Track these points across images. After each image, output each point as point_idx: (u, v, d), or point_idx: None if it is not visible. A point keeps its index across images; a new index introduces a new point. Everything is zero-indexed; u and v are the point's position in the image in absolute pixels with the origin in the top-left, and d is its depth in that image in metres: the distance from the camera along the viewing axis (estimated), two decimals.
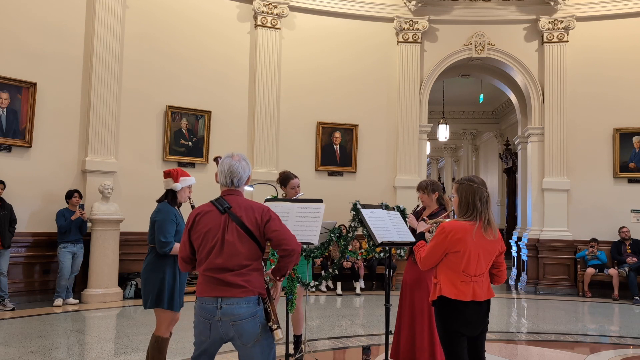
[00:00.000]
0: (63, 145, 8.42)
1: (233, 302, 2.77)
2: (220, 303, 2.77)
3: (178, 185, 4.12)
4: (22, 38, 8.10)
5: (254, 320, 2.78)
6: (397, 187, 10.55)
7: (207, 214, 2.91)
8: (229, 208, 2.86)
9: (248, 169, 3.01)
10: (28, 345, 5.53)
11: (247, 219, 2.84)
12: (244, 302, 2.77)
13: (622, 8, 10.29)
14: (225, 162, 2.98)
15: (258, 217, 2.85)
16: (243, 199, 2.95)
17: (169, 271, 3.96)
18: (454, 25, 10.86)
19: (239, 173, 2.96)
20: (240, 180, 2.97)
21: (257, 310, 2.81)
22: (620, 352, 5.96)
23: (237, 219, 2.84)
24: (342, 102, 10.65)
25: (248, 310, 2.77)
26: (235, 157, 3.00)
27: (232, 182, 2.96)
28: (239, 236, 2.82)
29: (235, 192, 2.96)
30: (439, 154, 23.86)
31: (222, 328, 2.79)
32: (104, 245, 8.13)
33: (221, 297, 2.78)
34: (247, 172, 3.00)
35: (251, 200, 2.97)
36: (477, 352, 3.22)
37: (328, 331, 6.60)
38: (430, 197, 4.61)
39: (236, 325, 2.76)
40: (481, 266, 3.14)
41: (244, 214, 2.85)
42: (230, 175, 2.95)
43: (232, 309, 2.76)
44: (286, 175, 5.06)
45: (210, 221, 2.88)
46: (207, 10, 9.82)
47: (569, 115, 10.42)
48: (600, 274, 9.84)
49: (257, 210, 2.87)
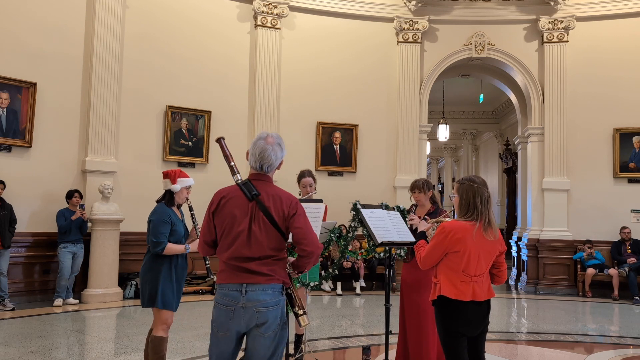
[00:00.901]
0: (63, 145, 8.42)
1: (258, 289, 2.69)
2: (245, 289, 2.69)
3: (176, 187, 4.13)
4: (22, 38, 8.10)
5: (277, 310, 2.72)
6: (397, 187, 10.54)
7: (233, 198, 2.78)
8: (257, 195, 2.75)
9: (281, 154, 2.87)
10: (28, 345, 5.53)
11: (274, 209, 2.73)
12: (269, 289, 2.71)
13: (622, 8, 10.29)
14: (259, 144, 2.83)
15: (286, 209, 2.74)
16: (272, 187, 2.82)
17: (165, 271, 3.98)
18: (454, 25, 10.85)
19: (271, 159, 2.82)
20: (270, 167, 2.84)
21: (281, 300, 2.75)
22: (620, 352, 5.96)
23: (265, 208, 2.72)
24: (342, 102, 10.64)
25: (273, 298, 2.71)
26: (269, 139, 2.84)
27: (261, 167, 2.83)
28: (266, 227, 2.72)
29: (265, 177, 2.84)
30: (439, 154, 23.85)
31: (245, 315, 2.68)
32: (104, 245, 8.13)
33: (246, 284, 2.70)
34: (279, 157, 2.85)
35: (280, 189, 2.84)
36: (477, 352, 3.22)
37: (328, 331, 6.60)
38: (426, 196, 4.63)
39: (260, 312, 2.68)
40: (481, 266, 3.14)
41: (272, 204, 2.74)
42: (260, 160, 2.81)
43: (257, 294, 2.69)
44: (301, 173, 5.23)
45: (236, 207, 2.76)
46: (207, 10, 9.82)
47: (569, 115, 10.41)
48: (600, 274, 9.84)
49: (286, 202, 2.76)
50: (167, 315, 4.01)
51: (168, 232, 3.99)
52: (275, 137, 2.89)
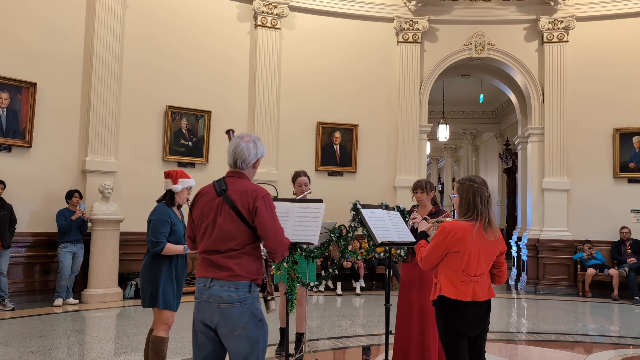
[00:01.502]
0: (63, 145, 8.42)
1: (221, 284, 2.70)
2: (210, 283, 2.72)
3: (177, 187, 4.15)
4: (22, 38, 8.10)
5: (242, 307, 2.69)
6: (397, 187, 10.55)
7: (206, 195, 2.87)
8: (225, 191, 2.80)
9: (256, 151, 2.89)
10: (28, 345, 5.53)
11: (240, 202, 2.76)
12: (232, 286, 2.69)
13: (622, 8, 10.29)
14: (233, 141, 2.91)
15: (250, 201, 2.75)
16: (243, 182, 2.85)
17: (165, 271, 3.99)
18: (454, 25, 10.86)
19: (243, 154, 2.86)
20: (244, 163, 2.87)
21: (247, 297, 2.71)
22: (620, 352, 5.96)
23: (231, 202, 2.76)
24: (342, 102, 10.64)
25: (236, 295, 2.69)
26: (245, 137, 2.91)
27: (235, 163, 2.88)
28: (232, 219, 2.75)
29: (238, 174, 2.88)
30: (439, 154, 23.85)
31: (208, 310, 2.71)
32: (104, 245, 8.13)
33: (211, 278, 2.73)
34: (253, 154, 2.88)
35: (250, 184, 2.86)
36: (477, 352, 3.22)
37: (328, 331, 6.60)
38: (429, 197, 4.63)
39: (222, 309, 2.68)
40: (481, 266, 3.14)
41: (237, 197, 2.77)
42: (233, 156, 2.87)
43: (219, 290, 2.69)
44: (295, 173, 5.34)
45: (206, 203, 2.85)
46: (207, 10, 9.82)
47: (569, 115, 10.41)
48: (600, 274, 9.84)
49: (251, 195, 2.76)
50: (168, 316, 4.01)
51: (168, 232, 3.99)
52: (252, 137, 2.95)
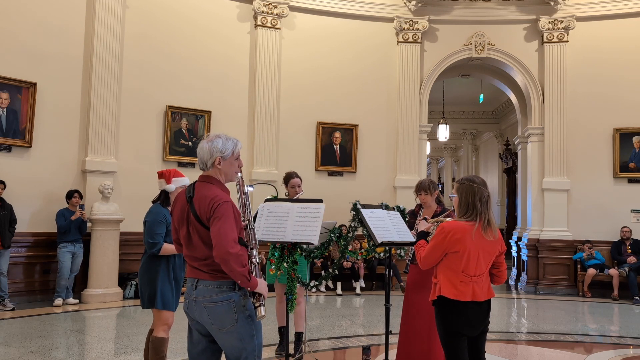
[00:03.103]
0: (63, 145, 8.42)
1: (206, 285, 2.77)
2: (196, 283, 2.80)
3: (171, 187, 4.14)
4: (22, 38, 8.10)
5: (227, 305, 2.75)
6: (397, 187, 10.55)
7: (179, 201, 2.91)
8: (191, 198, 2.81)
9: (211, 151, 2.80)
10: (28, 345, 5.53)
11: (200, 211, 2.75)
12: (216, 286, 2.76)
13: (622, 8, 10.29)
14: (199, 144, 2.89)
15: (208, 209, 2.72)
16: (207, 187, 2.79)
17: (162, 271, 3.99)
18: (454, 25, 10.85)
19: (199, 155, 2.85)
20: (204, 164, 2.83)
21: (232, 295, 2.76)
22: (620, 352, 5.96)
23: (194, 210, 2.77)
24: (342, 102, 10.64)
25: (220, 294, 2.75)
26: (209, 138, 2.86)
27: (200, 165, 2.89)
28: (198, 229, 2.77)
29: (208, 177, 2.85)
30: (439, 154, 23.85)
31: (197, 309, 2.79)
32: (104, 245, 8.13)
33: (197, 279, 2.81)
34: (207, 155, 2.81)
35: (214, 190, 2.78)
36: (477, 352, 3.22)
37: (328, 331, 6.60)
38: (432, 197, 4.61)
39: (208, 307, 2.75)
40: (481, 266, 3.14)
41: (200, 206, 2.76)
42: (199, 158, 2.88)
43: (204, 290, 2.77)
44: (288, 174, 5.31)
45: (179, 209, 2.88)
46: (207, 10, 9.82)
47: (569, 115, 10.41)
48: (600, 274, 9.84)
49: (209, 203, 2.72)
50: (167, 316, 4.01)
51: (164, 233, 3.99)
52: (219, 135, 2.88)
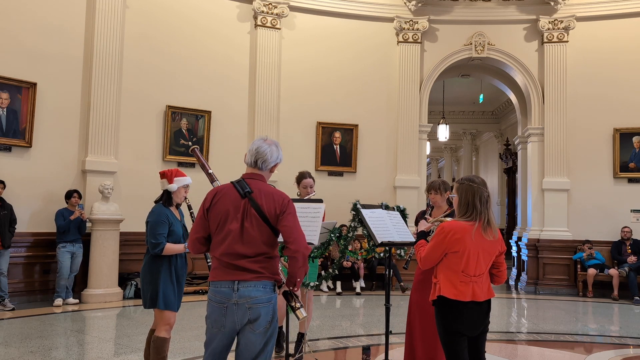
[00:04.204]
0: (63, 145, 8.42)
1: (250, 285, 2.74)
2: (237, 286, 2.74)
3: (173, 186, 4.13)
4: (22, 38, 8.09)
5: (269, 306, 2.77)
6: (397, 187, 10.55)
7: (227, 195, 2.85)
8: (250, 193, 2.81)
9: (277, 155, 2.96)
10: (28, 345, 5.53)
11: (266, 207, 2.78)
12: (261, 286, 2.75)
13: (622, 8, 10.29)
14: (256, 142, 2.96)
15: (278, 206, 2.79)
16: (265, 185, 2.89)
17: (164, 271, 3.98)
18: (454, 25, 10.85)
19: (266, 155, 2.91)
20: (265, 164, 2.92)
21: (273, 297, 2.79)
22: (620, 352, 5.96)
23: (257, 206, 2.78)
24: (342, 102, 10.64)
25: (265, 295, 2.76)
26: (267, 140, 2.98)
27: (256, 163, 2.91)
28: (258, 224, 2.77)
29: (258, 175, 2.91)
30: (439, 154, 23.85)
31: (238, 312, 2.73)
32: (104, 245, 8.13)
33: (238, 280, 2.74)
34: (274, 157, 2.94)
35: (273, 188, 2.91)
36: (477, 352, 3.22)
37: (328, 331, 6.60)
38: (443, 197, 4.58)
39: (253, 309, 2.73)
40: (481, 266, 3.14)
41: (264, 202, 2.79)
42: (256, 155, 2.92)
43: (249, 291, 2.73)
44: (301, 174, 5.32)
45: (229, 204, 2.82)
46: (207, 10, 9.82)
47: (569, 115, 10.41)
48: (600, 274, 9.83)
49: (278, 200, 2.81)
50: (169, 316, 4.00)
51: (166, 233, 3.99)
52: (274, 141, 3.01)
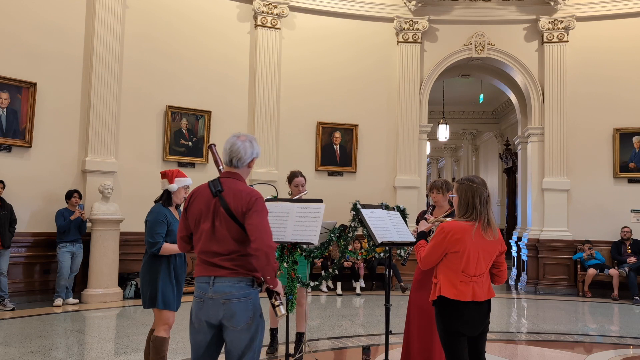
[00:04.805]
0: (63, 145, 8.42)
1: (224, 281, 2.77)
2: (213, 281, 2.78)
3: (174, 187, 4.15)
4: (22, 38, 8.09)
5: (246, 302, 2.76)
6: (397, 187, 10.56)
7: (201, 195, 2.90)
8: (220, 192, 2.83)
9: (251, 151, 2.93)
10: (28, 345, 5.53)
11: (233, 205, 2.79)
12: (236, 282, 2.77)
13: (622, 8, 10.29)
14: (229, 140, 2.94)
15: (244, 204, 2.77)
16: (237, 183, 2.87)
17: (164, 271, 3.99)
18: (454, 25, 10.85)
19: (239, 153, 2.90)
20: (239, 161, 2.91)
21: (250, 292, 2.78)
22: (620, 352, 5.96)
23: (226, 204, 2.79)
24: (342, 102, 10.64)
25: (240, 291, 2.76)
26: (241, 137, 2.95)
27: (231, 161, 2.92)
28: (227, 222, 2.79)
29: (234, 174, 2.91)
30: (439, 154, 23.85)
31: (213, 307, 2.77)
32: (104, 245, 8.13)
33: (214, 276, 2.79)
34: (249, 153, 2.92)
35: (244, 185, 2.88)
36: (477, 352, 3.22)
37: (328, 331, 6.60)
38: (445, 197, 4.58)
39: (227, 304, 2.75)
40: (481, 266, 3.14)
41: (232, 200, 2.80)
42: (230, 153, 2.91)
43: (223, 287, 2.76)
44: (292, 173, 5.35)
45: (202, 203, 2.87)
46: (207, 10, 9.82)
47: (569, 115, 10.41)
48: (600, 274, 9.83)
49: (245, 197, 2.79)
50: (168, 316, 4.01)
51: (164, 232, 4.00)
52: (249, 136, 2.99)
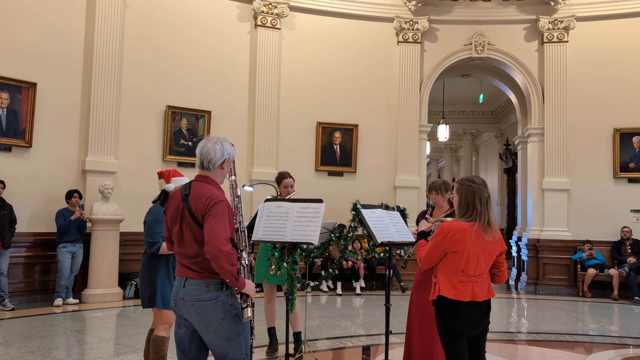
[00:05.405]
0: (63, 145, 8.42)
1: (194, 283, 2.82)
2: (184, 282, 2.85)
3: (170, 186, 4.16)
4: (22, 38, 8.09)
5: (215, 304, 2.80)
6: (397, 187, 10.55)
7: (174, 199, 2.96)
8: (187, 196, 2.87)
9: (222, 152, 2.92)
10: (28, 345, 5.53)
11: (195, 208, 2.82)
12: (204, 285, 2.81)
13: (622, 8, 10.29)
14: (200, 143, 2.97)
15: (203, 207, 2.79)
16: (204, 186, 2.87)
17: (162, 271, 4.01)
18: (454, 25, 10.85)
19: (209, 154, 2.90)
20: (210, 163, 2.91)
21: (219, 295, 2.81)
22: (620, 352, 5.96)
23: (189, 208, 2.83)
24: (342, 102, 10.64)
25: (207, 294, 2.80)
26: (212, 139, 2.96)
27: (202, 164, 2.93)
28: (190, 226, 2.83)
29: (204, 177, 2.93)
30: (439, 154, 23.84)
31: (185, 306, 2.84)
32: (104, 245, 8.13)
33: (186, 277, 2.85)
34: (219, 154, 2.91)
35: (210, 190, 2.86)
36: (477, 352, 3.22)
37: (328, 331, 6.60)
38: (444, 198, 4.58)
39: (196, 306, 2.80)
40: (480, 266, 3.14)
41: (194, 204, 2.82)
42: (200, 156, 2.94)
43: (192, 289, 2.82)
44: (280, 174, 5.37)
45: (173, 207, 2.94)
46: (207, 11, 9.82)
47: (569, 115, 10.41)
48: (600, 274, 9.83)
49: (205, 201, 2.79)
50: (167, 315, 4.02)
51: (163, 232, 4.00)
52: (220, 138, 2.99)
